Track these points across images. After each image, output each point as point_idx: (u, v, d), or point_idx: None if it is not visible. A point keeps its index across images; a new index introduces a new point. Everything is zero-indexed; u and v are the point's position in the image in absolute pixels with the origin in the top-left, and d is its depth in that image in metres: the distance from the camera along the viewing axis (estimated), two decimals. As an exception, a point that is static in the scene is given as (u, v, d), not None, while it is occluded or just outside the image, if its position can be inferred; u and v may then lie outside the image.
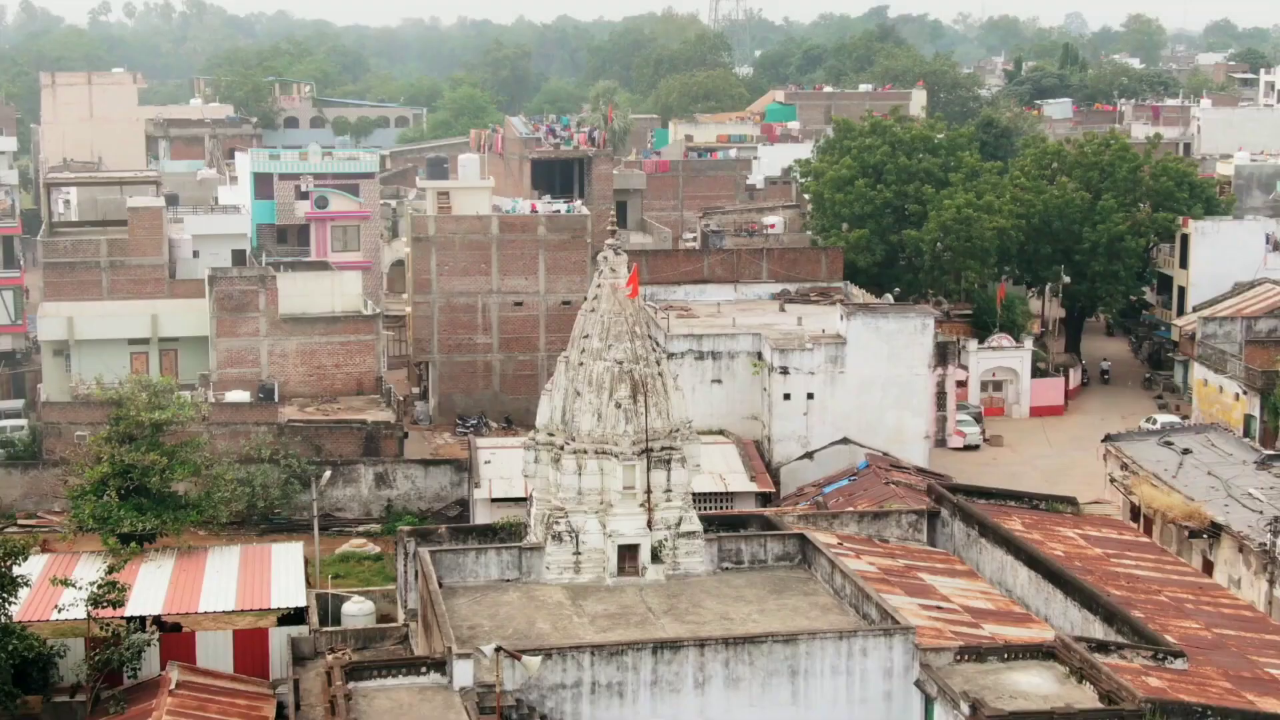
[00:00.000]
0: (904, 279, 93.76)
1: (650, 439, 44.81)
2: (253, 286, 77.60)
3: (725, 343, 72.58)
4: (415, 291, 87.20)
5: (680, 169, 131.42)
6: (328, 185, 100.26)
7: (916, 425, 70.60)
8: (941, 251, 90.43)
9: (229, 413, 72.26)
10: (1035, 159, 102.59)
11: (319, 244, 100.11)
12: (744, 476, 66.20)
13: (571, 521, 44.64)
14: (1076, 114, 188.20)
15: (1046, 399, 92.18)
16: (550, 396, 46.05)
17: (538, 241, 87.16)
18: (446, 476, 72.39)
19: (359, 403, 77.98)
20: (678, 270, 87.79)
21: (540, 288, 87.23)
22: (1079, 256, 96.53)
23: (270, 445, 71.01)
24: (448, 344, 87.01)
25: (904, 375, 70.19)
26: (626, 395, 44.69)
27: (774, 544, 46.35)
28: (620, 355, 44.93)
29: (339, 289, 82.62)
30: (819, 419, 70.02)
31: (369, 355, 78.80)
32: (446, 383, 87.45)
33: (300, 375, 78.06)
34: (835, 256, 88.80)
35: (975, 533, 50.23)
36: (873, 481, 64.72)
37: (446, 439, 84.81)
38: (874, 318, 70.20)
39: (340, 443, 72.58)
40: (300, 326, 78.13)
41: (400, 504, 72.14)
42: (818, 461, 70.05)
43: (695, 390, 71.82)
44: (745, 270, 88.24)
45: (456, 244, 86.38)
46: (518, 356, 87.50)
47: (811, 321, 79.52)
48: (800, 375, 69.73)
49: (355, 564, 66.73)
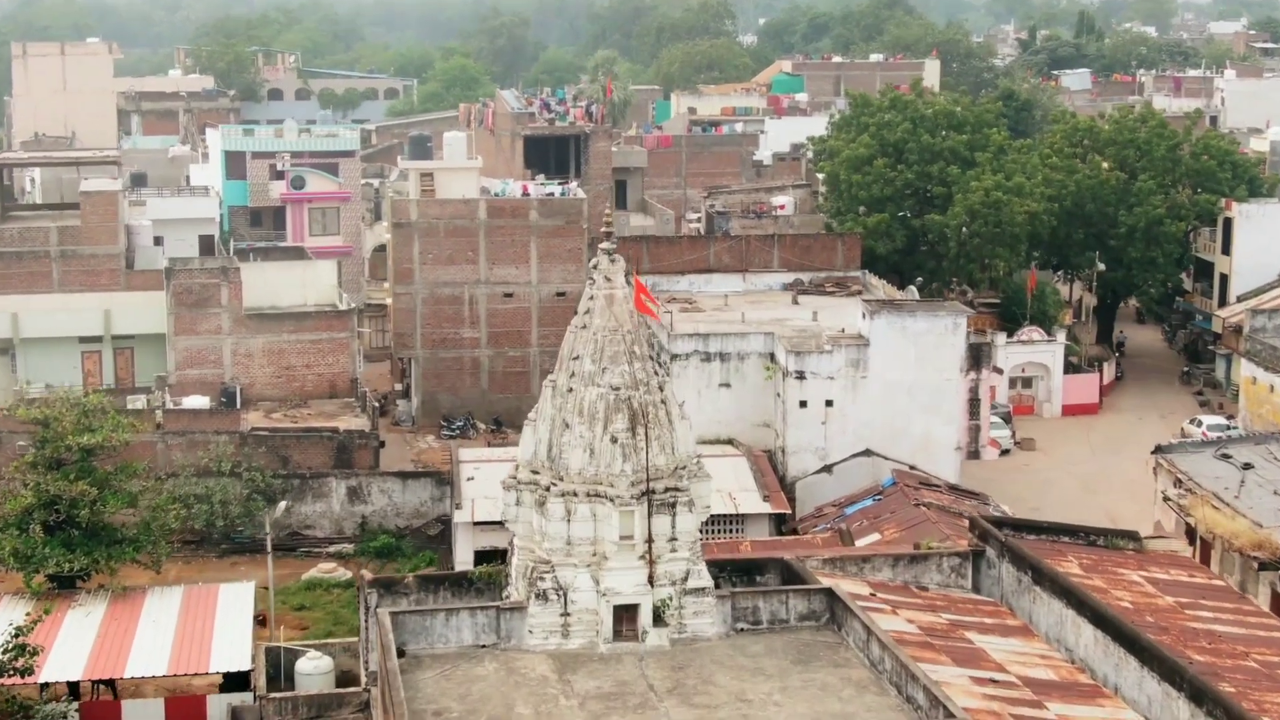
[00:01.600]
0: (926, 267, 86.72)
1: (652, 479, 37.86)
2: (214, 279, 70.66)
3: (734, 343, 65.66)
4: (396, 282, 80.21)
5: (683, 144, 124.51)
6: (305, 164, 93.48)
7: (947, 435, 63.70)
8: (968, 238, 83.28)
9: (186, 420, 65.35)
10: (1065, 135, 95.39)
11: (295, 227, 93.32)
12: (756, 495, 59.35)
13: (559, 577, 37.73)
14: (1095, 85, 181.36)
15: (1080, 396, 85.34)
16: (534, 427, 39.10)
17: (529, 227, 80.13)
18: (427, 491, 65.52)
19: (332, 407, 71.06)
20: (681, 258, 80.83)
21: (532, 278, 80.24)
22: (1114, 242, 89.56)
23: (231, 457, 64.13)
24: (432, 339, 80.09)
25: (933, 380, 63.26)
26: (624, 427, 37.75)
27: (797, 601, 39.42)
28: (617, 380, 37.97)
29: (312, 280, 75.71)
30: (838, 428, 63.14)
31: (343, 354, 71.87)
32: (431, 380, 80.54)
33: (267, 376, 71.13)
34: (852, 243, 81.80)
35: (1028, 578, 43.31)
36: (900, 502, 57.86)
37: (430, 442, 77.96)
38: (900, 316, 63.22)
39: (309, 453, 65.69)
40: (267, 323, 71.16)
41: (376, 521, 65.34)
42: (837, 475, 63.21)
43: (701, 395, 65.20)
44: (754, 258, 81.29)
45: (441, 230, 79.37)
46: (508, 352, 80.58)
47: (828, 316, 72.63)
48: (818, 380, 62.81)
49: (323, 593, 59.96)
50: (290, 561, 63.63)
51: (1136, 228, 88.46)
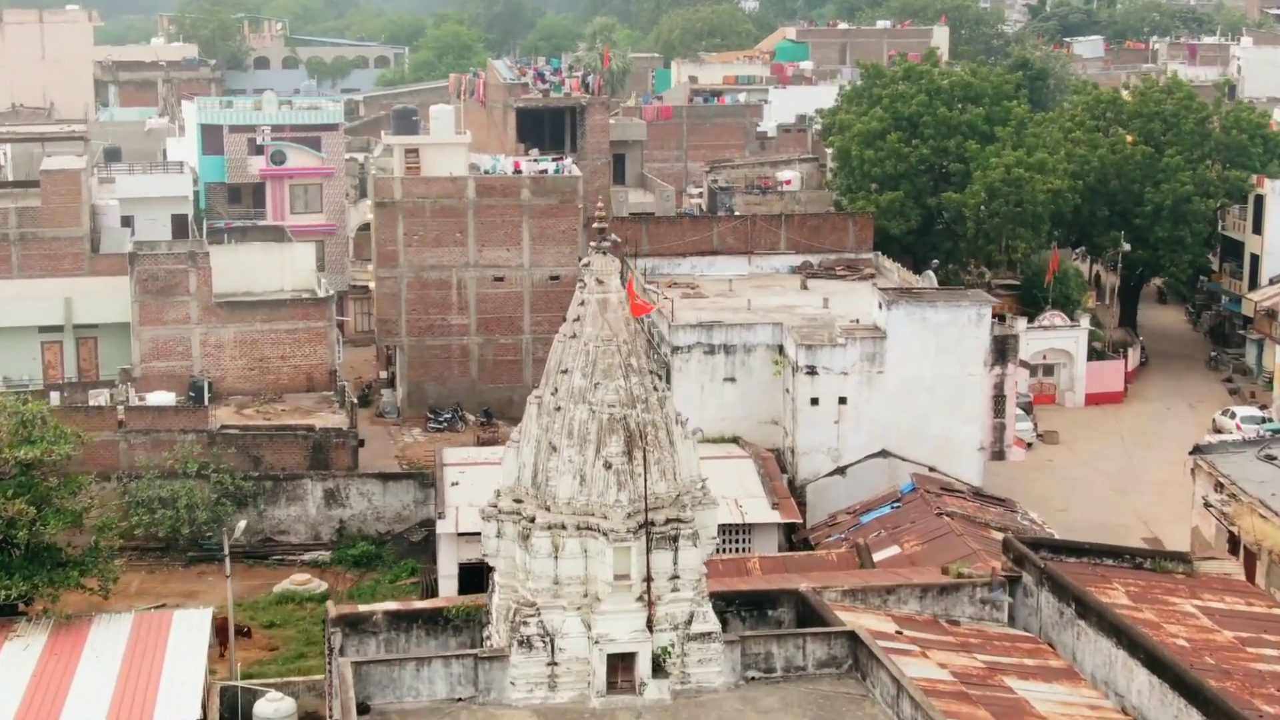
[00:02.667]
0: (942, 248, 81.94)
1: (651, 508, 33.22)
2: (181, 265, 65.87)
3: (740, 334, 60.91)
4: (380, 265, 75.43)
5: (684, 116, 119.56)
6: (286, 138, 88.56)
7: (969, 435, 59.01)
8: (987, 217, 78.42)
9: (149, 418, 60.68)
10: (1087, 108, 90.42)
11: (276, 205, 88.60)
12: (764, 503, 54.72)
13: (545, 621, 33.13)
14: (1107, 52, 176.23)
15: (1104, 384, 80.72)
16: (517, 450, 34.47)
17: (521, 207, 75.31)
18: (409, 493, 61.01)
19: (308, 401, 66.40)
20: (683, 239, 76.06)
21: (524, 260, 75.47)
22: (1139, 220, 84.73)
23: (198, 458, 59.56)
24: (417, 325, 75.33)
25: (955, 375, 58.54)
26: (619, 451, 33.08)
27: (816, 645, 34.81)
28: (611, 397, 33.30)
29: (289, 263, 70.99)
30: (853, 427, 58.46)
31: (321, 344, 67.15)
32: (416, 370, 75.83)
33: (239, 369, 66.43)
34: (864, 223, 76.98)
35: (1071, 611, 38.72)
36: (921, 510, 53.22)
37: (416, 436, 73.37)
38: (920, 307, 58.45)
39: (282, 453, 61.07)
40: (239, 312, 66.44)
41: (355, 526, 60.84)
42: (851, 478, 58.58)
43: (705, 390, 60.62)
44: (761, 239, 76.53)
45: (426, 210, 74.55)
46: (498, 339, 75.86)
47: (839, 302, 67.87)
48: (831, 376, 58.09)
49: (295, 608, 55.42)
50: (262, 571, 59.19)
51: (1164, 205, 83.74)
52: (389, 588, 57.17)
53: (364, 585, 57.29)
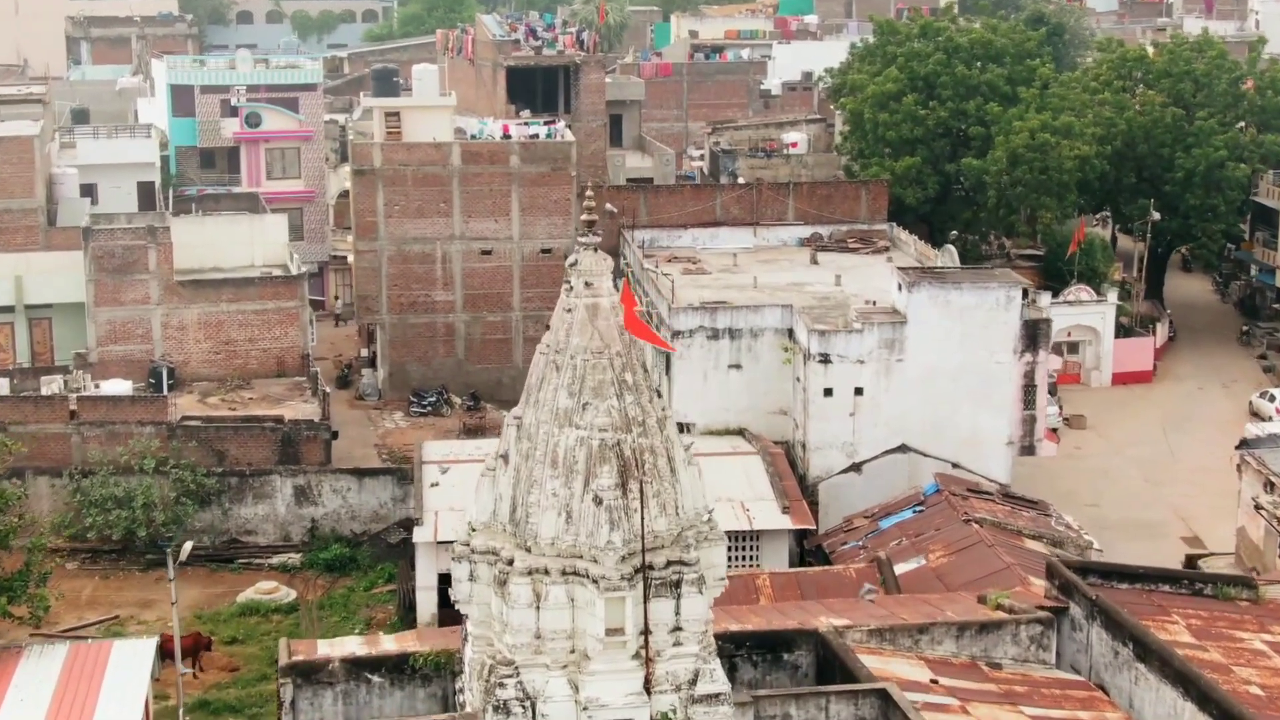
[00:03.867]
0: (960, 218, 76.77)
1: (650, 549, 28.29)
2: (140, 240, 60.78)
3: (746, 317, 55.97)
4: (359, 237, 70.33)
5: (684, 73, 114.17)
6: (261, 99, 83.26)
7: (997, 428, 54.12)
8: (1010, 185, 73.20)
9: (104, 409, 55.74)
10: (1112, 66, 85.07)
11: (251, 170, 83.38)
12: (774, 506, 49.81)
13: (525, 682, 28.22)
14: (1121, 5, 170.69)
15: (1131, 363, 75.77)
16: (492, 479, 29.51)
17: (510, 174, 70.12)
18: (387, 490, 56.19)
19: (279, 388, 61.50)
20: (684, 209, 71.05)
21: (513, 232, 70.35)
22: (1169, 187, 79.54)
23: (157, 452, 54.69)
24: (399, 302, 70.29)
25: (982, 363, 53.61)
26: (611, 483, 28.12)
27: (842, 706, 30.02)
28: (602, 420, 28.32)
29: (259, 236, 65.92)
30: (869, 420, 53.57)
31: (293, 326, 62.18)
32: (399, 349, 70.83)
33: (203, 353, 61.49)
34: (878, 191, 71.98)
35: (1128, 651, 33.96)
36: (946, 516, 48.36)
37: (397, 421, 68.51)
38: (943, 288, 53.43)
39: (249, 447, 56.19)
40: (203, 291, 61.46)
41: (328, 525, 56.02)
42: (868, 475, 53.75)
43: (708, 378, 55.77)
44: (767, 209, 71.53)
45: (408, 178, 69.38)
46: (486, 317, 70.85)
47: (852, 278, 62.95)
48: (846, 364, 53.14)
49: (261, 620, 50.61)
50: (225, 576, 54.42)
51: (1195, 171, 78.55)
52: (363, 596, 52.44)
53: (336, 594, 52.51)
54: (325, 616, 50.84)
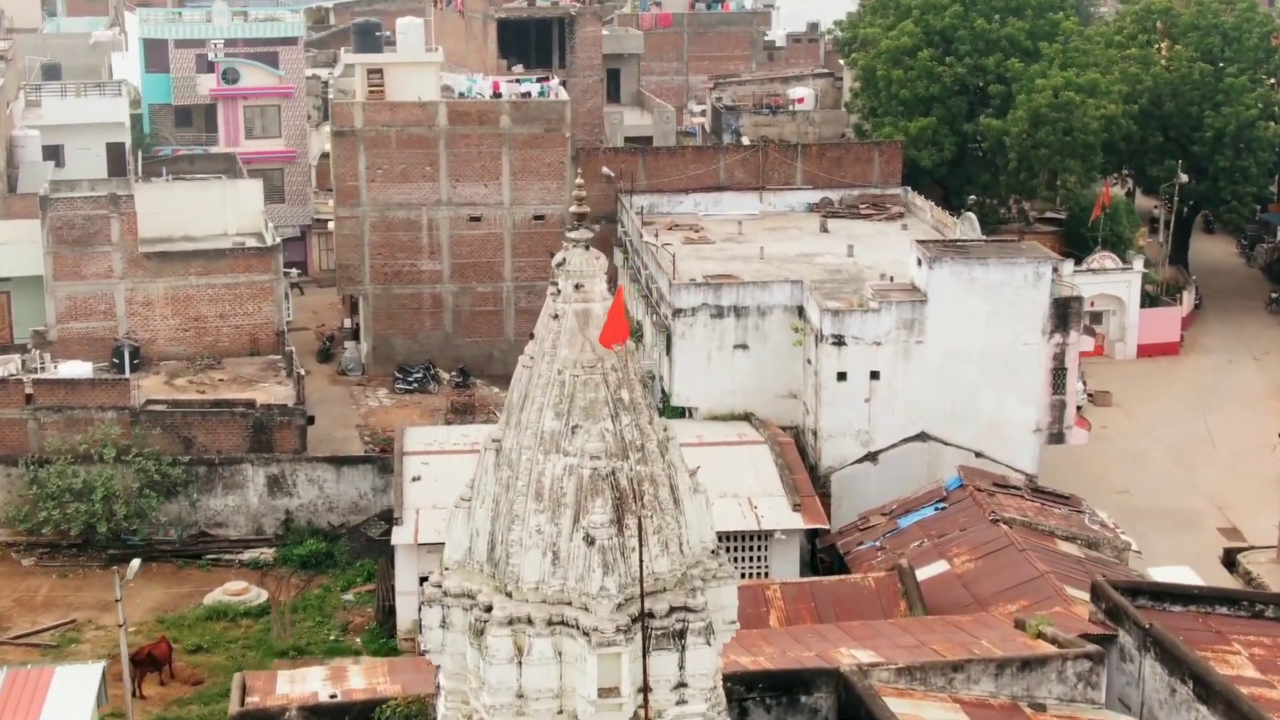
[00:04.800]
0: (978, 181, 72.54)
1: (649, 594, 24.39)
2: (101, 209, 56.60)
3: (753, 294, 51.94)
4: (340, 202, 66.18)
5: (685, 24, 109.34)
6: (239, 54, 78.92)
7: (1024, 415, 50.21)
8: (1031, 147, 68.93)
9: (62, 393, 51.76)
10: (1136, 20, 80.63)
11: (229, 129, 79.20)
12: (784, 503, 45.91)
13: (506, 748, 24.38)
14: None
15: (1158, 334, 71.77)
16: (468, 512, 25.57)
17: (500, 136, 65.89)
18: (367, 479, 52.34)
19: (251, 368, 57.49)
20: (685, 173, 66.85)
21: (504, 197, 66.20)
22: (1198, 148, 75.31)
23: (119, 440, 50.80)
24: (383, 272, 66.21)
25: (1008, 345, 49.69)
26: (606, 519, 24.19)
27: (869, 769, 26.19)
28: (595, 445, 24.36)
29: (232, 202, 61.76)
30: (886, 406, 49.66)
31: (266, 301, 58.11)
32: (383, 322, 66.80)
33: (171, 330, 57.45)
34: (892, 153, 67.79)
35: (1187, 690, 30.16)
36: (971, 514, 44.47)
37: (381, 398, 64.56)
38: (967, 264, 49.37)
39: (218, 433, 52.27)
40: (169, 263, 57.35)
41: (304, 517, 52.18)
42: (884, 465, 49.92)
43: (712, 360, 51.84)
44: (774, 173, 67.34)
45: (392, 139, 65.17)
46: (475, 288, 66.79)
47: (865, 248, 59.04)
48: (861, 347, 49.16)
49: (229, 625, 46.79)
50: (193, 574, 50.60)
51: (1225, 131, 74.31)
52: (339, 598, 48.58)
53: (310, 595, 48.67)
54: (298, 621, 47.05)
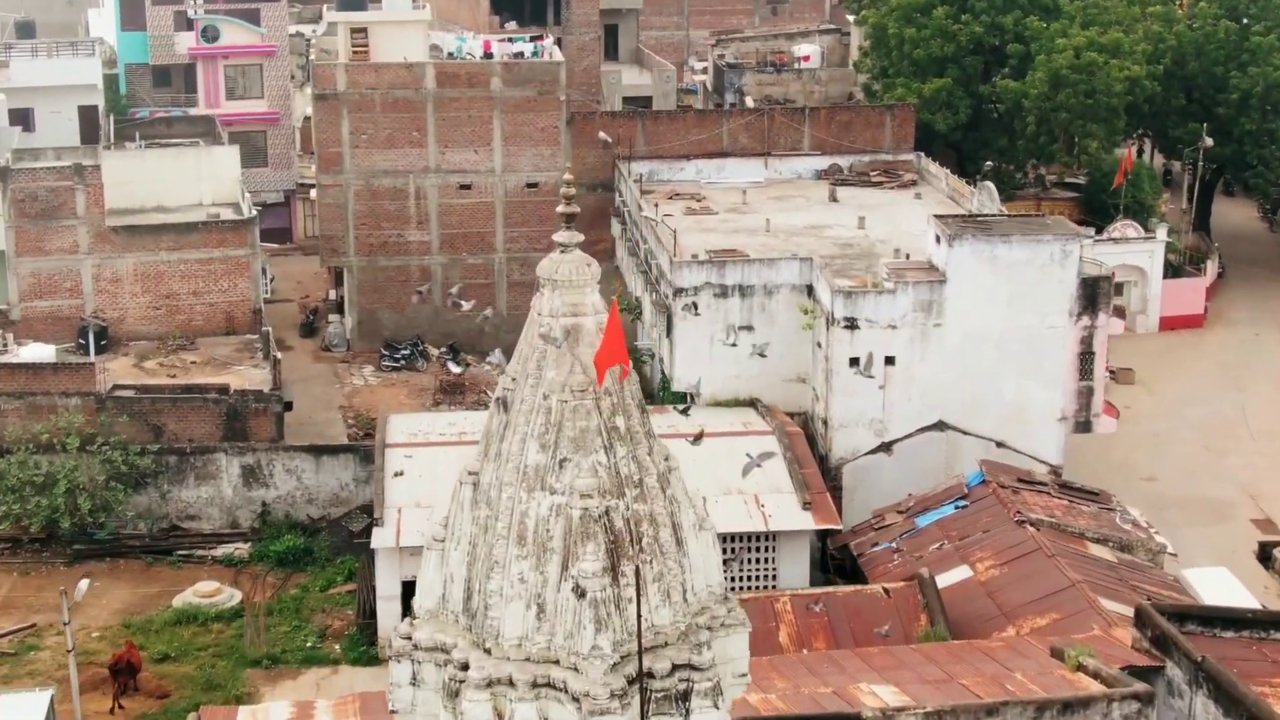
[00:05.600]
0: (995, 145, 69.08)
1: (649, 649, 21.25)
2: (66, 180, 53.23)
3: (760, 272, 48.68)
4: (322, 170, 62.78)
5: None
6: (219, 10, 75.38)
7: (1049, 402, 47.04)
8: (1052, 110, 65.45)
9: (23, 378, 48.57)
10: (1156, -28, 76.91)
11: (209, 90, 75.73)
12: (792, 500, 42.80)
13: (485, 827, 21.30)
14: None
15: (1181, 305, 68.54)
16: (442, 554, 22.42)
17: (491, 99, 62.41)
18: (348, 469, 49.21)
19: (226, 349, 54.25)
20: (686, 138, 63.50)
21: (496, 164, 62.80)
22: (1223, 110, 71.81)
23: (84, 429, 47.65)
24: (368, 243, 62.89)
25: (1032, 328, 46.48)
26: (599, 567, 21.04)
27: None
28: (586, 482, 21.19)
29: (208, 171, 58.40)
30: (902, 394, 46.48)
31: (243, 277, 54.81)
32: (368, 295, 63.52)
33: (141, 309, 54.17)
34: (904, 117, 64.39)
35: (1248, 733, 27.08)
36: (995, 513, 41.38)
37: (367, 376, 61.43)
38: (990, 242, 46.04)
39: (189, 421, 49.10)
40: (139, 237, 54.04)
41: (281, 509, 49.07)
42: (900, 457, 46.79)
43: (715, 343, 48.79)
44: (780, 138, 63.96)
45: (377, 103, 61.72)
46: (466, 259, 63.49)
47: (877, 220, 55.83)
48: (876, 330, 45.92)
49: (199, 630, 43.72)
50: (163, 572, 47.55)
51: (1251, 92, 70.81)
52: (319, 599, 45.54)
53: (287, 596, 45.58)
54: (273, 625, 43.99)
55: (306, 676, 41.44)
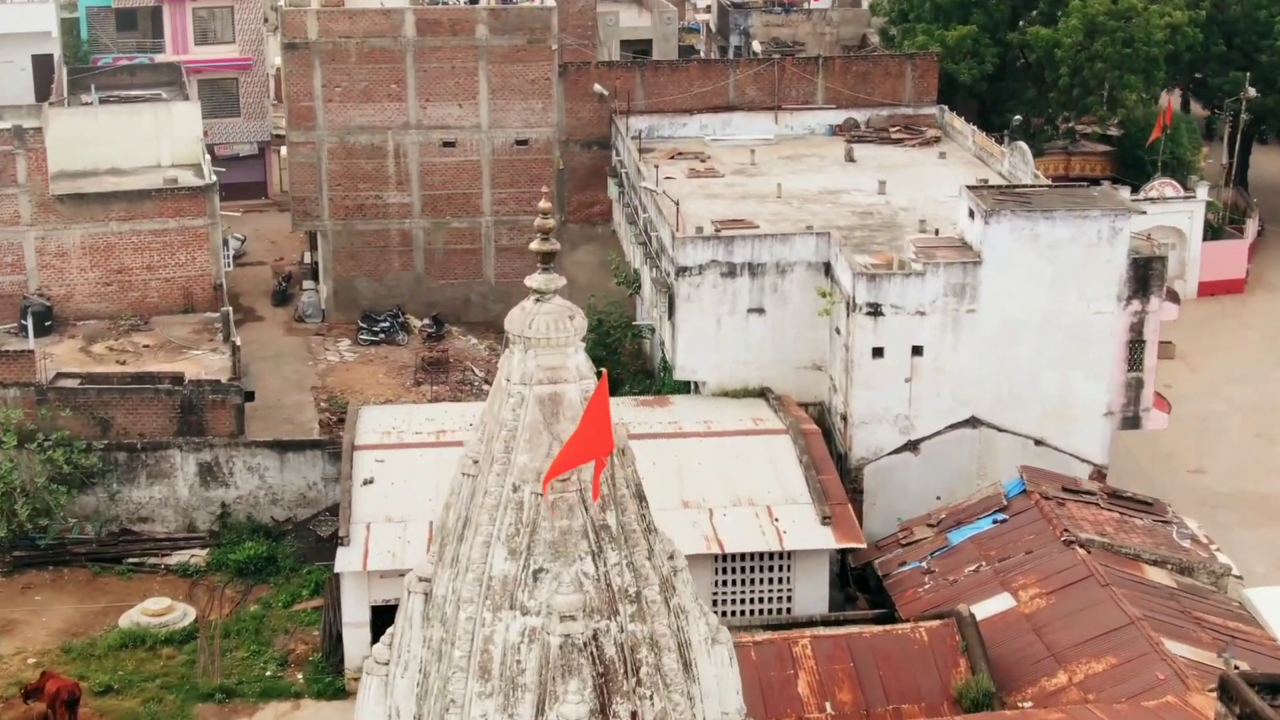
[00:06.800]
0: (1023, 97, 63.92)
1: (649, 805, 16.70)
2: (5, 145, 48.14)
3: (772, 249, 43.71)
4: (293, 126, 57.70)
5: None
6: (186, -51, 70.12)
7: (1093, 396, 42.25)
8: (1086, 61, 60.27)
9: (-45, 367, 43.80)
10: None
11: (176, 34, 70.71)
12: (809, 514, 38.03)
13: None
14: None
15: (1221, 269, 63.81)
16: (385, 682, 17.77)
17: (477, 48, 57.25)
18: (316, 467, 44.53)
19: (185, 329, 49.40)
20: (688, 91, 58.47)
21: (482, 119, 57.74)
22: (1265, 57, 66.61)
23: (23, 423, 42.93)
24: (344, 205, 57.98)
25: (1077, 314, 41.60)
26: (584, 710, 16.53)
27: None
28: (568, 600, 16.60)
29: (166, 129, 53.38)
30: (931, 387, 41.68)
31: (201, 250, 49.84)
32: (345, 262, 58.67)
33: (90, 285, 49.27)
34: (926, 67, 59.30)
35: None
36: (1039, 531, 36.73)
37: (343, 351, 56.70)
38: (1030, 218, 41.05)
39: (140, 414, 44.31)
40: (87, 207, 49.03)
41: (243, 510, 44.43)
42: (927, 456, 42.10)
43: (722, 325, 44.07)
44: (791, 89, 58.89)
45: (352, 53, 56.61)
46: (450, 223, 58.60)
47: (899, 184, 50.94)
48: (902, 317, 41.07)
49: (146, 656, 39.16)
50: (112, 583, 42.96)
51: (1295, 40, 65.71)
52: (281, 616, 40.95)
53: (246, 614, 40.97)
54: (230, 649, 39.44)
55: (265, 713, 36.97)
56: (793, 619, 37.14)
